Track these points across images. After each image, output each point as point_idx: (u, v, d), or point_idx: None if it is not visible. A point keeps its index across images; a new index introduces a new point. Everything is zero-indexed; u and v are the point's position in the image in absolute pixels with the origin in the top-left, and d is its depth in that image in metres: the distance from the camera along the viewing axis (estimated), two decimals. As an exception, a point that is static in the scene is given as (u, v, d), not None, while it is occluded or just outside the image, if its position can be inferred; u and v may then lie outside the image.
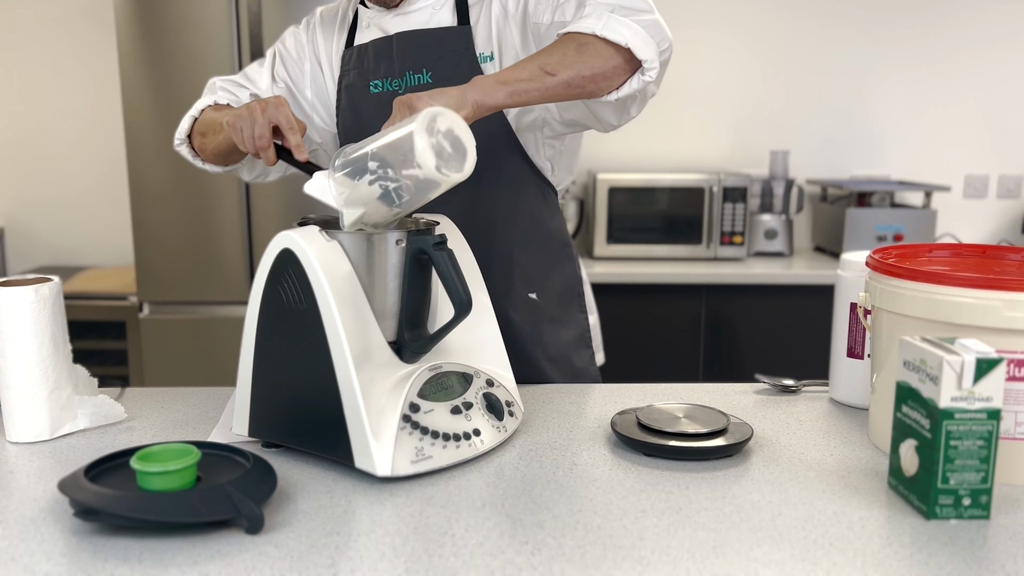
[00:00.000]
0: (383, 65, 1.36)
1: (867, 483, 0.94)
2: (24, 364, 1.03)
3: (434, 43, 1.34)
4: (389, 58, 1.35)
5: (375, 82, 1.36)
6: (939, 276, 0.95)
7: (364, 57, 1.37)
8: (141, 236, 2.77)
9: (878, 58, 3.24)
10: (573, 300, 1.49)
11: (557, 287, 1.46)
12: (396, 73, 1.35)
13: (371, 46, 1.37)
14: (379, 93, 1.36)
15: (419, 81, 1.34)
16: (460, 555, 0.77)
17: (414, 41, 1.34)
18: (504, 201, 1.38)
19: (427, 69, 1.34)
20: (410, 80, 1.34)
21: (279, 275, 0.97)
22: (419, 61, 1.34)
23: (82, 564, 0.75)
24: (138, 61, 2.70)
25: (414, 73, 1.34)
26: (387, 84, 1.36)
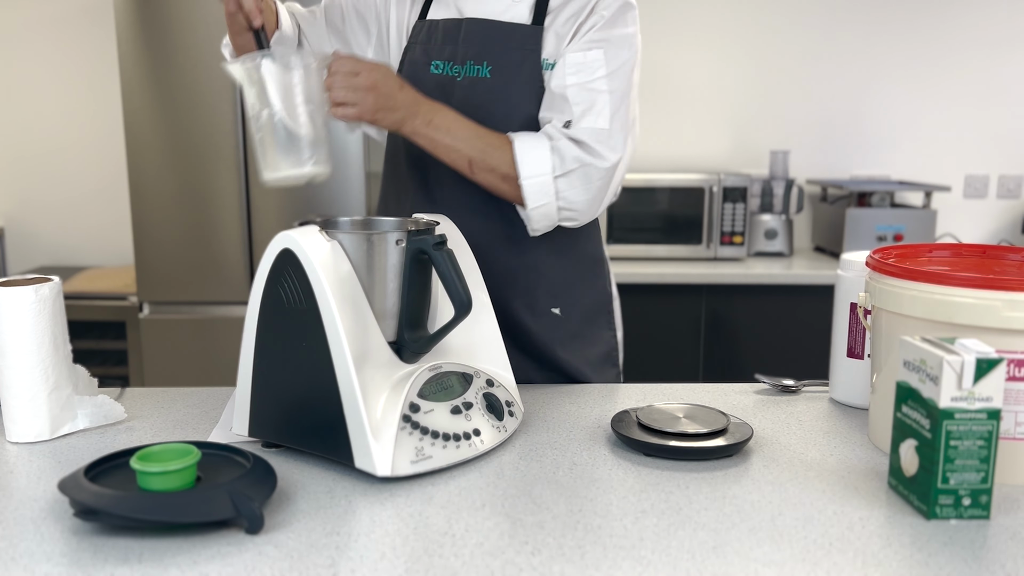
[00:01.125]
0: (448, 47, 1.32)
1: (867, 483, 0.94)
2: (24, 364, 1.03)
3: (503, 36, 1.30)
4: (455, 41, 1.31)
5: (436, 62, 1.33)
6: (939, 276, 0.95)
7: (433, 34, 1.34)
8: (141, 236, 2.77)
9: (878, 58, 3.24)
10: (601, 317, 1.46)
11: (585, 303, 1.43)
12: (458, 59, 1.31)
13: (441, 24, 1.33)
14: (438, 75, 1.32)
15: (478, 73, 1.30)
16: (460, 555, 0.77)
17: (483, 30, 1.30)
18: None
19: (488, 62, 1.30)
20: (470, 70, 1.30)
21: (279, 275, 0.97)
22: (483, 52, 1.30)
23: (82, 564, 0.75)
24: (138, 61, 2.70)
25: (475, 63, 1.30)
26: (447, 68, 1.32)
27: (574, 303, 1.41)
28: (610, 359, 1.46)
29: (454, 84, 1.31)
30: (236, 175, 2.74)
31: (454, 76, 1.31)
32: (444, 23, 1.33)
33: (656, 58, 3.18)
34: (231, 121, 2.71)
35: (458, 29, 1.32)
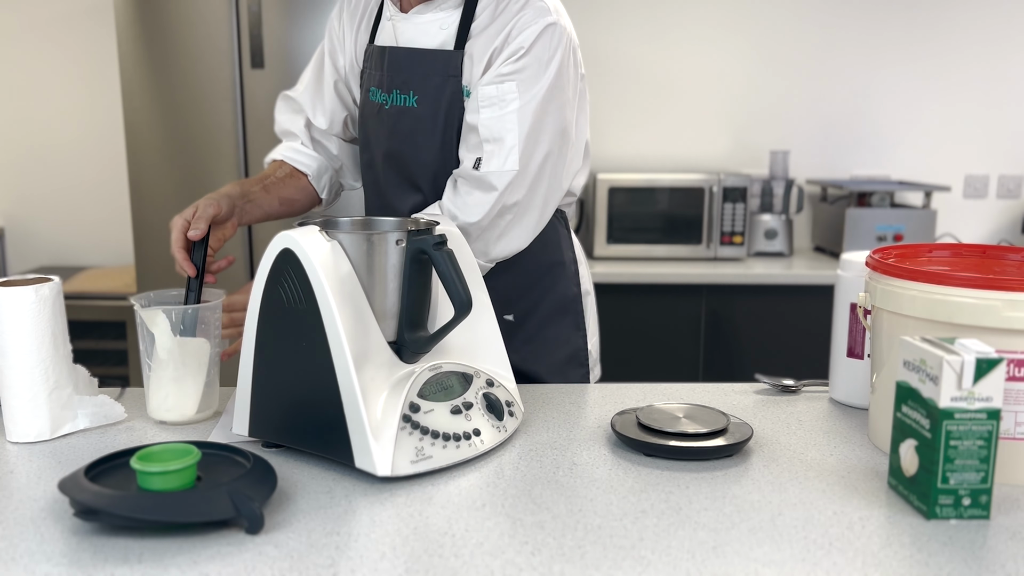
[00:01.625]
0: (379, 74, 1.34)
1: (867, 483, 0.94)
2: (24, 364, 1.03)
3: (426, 63, 1.28)
4: (381, 70, 1.33)
5: (373, 89, 1.35)
6: (939, 276, 0.95)
7: (373, 60, 1.35)
8: (141, 236, 2.77)
9: (878, 58, 3.24)
10: (566, 318, 1.45)
11: (544, 307, 1.42)
12: (385, 87, 1.32)
13: (375, 51, 1.35)
14: (375, 103, 1.35)
15: (405, 102, 1.30)
16: (460, 555, 0.77)
17: (407, 57, 1.30)
18: None
19: (414, 91, 1.30)
20: (396, 99, 1.31)
21: (279, 275, 0.97)
22: (409, 80, 1.30)
23: (82, 564, 0.75)
24: (138, 61, 2.70)
25: (401, 92, 1.30)
26: (380, 95, 1.34)
27: (530, 308, 1.41)
28: (576, 360, 1.46)
29: (383, 112, 1.33)
30: (236, 175, 2.74)
31: (381, 104, 1.34)
32: (376, 51, 1.35)
33: (656, 58, 3.18)
34: (231, 121, 2.71)
35: (383, 57, 1.33)
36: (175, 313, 1.08)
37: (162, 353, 1.07)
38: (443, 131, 1.30)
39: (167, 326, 1.07)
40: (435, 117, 1.29)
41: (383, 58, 1.33)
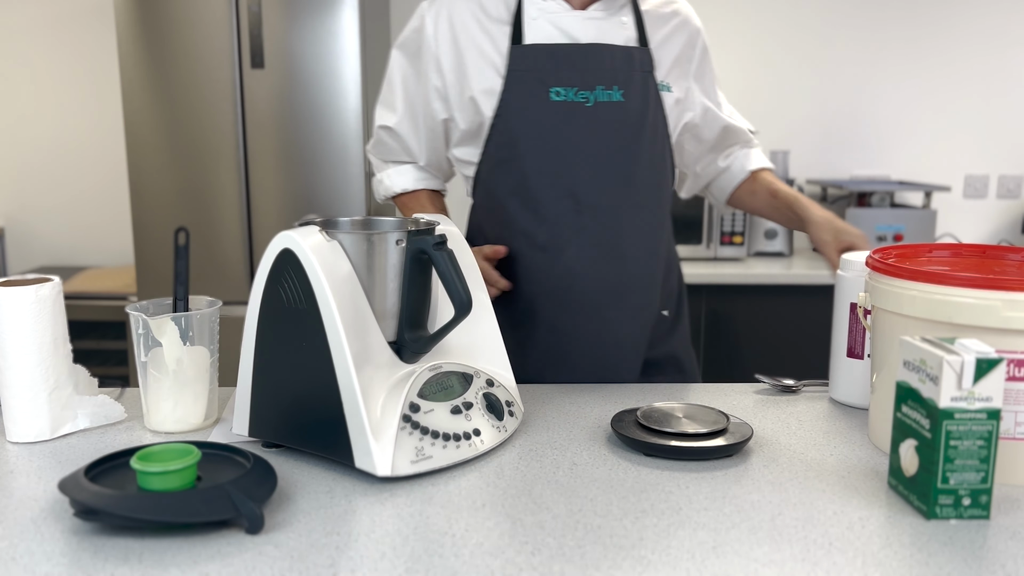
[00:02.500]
0: (569, 73, 1.30)
1: (867, 483, 0.94)
2: (24, 364, 1.03)
3: (627, 60, 1.31)
4: (579, 68, 1.30)
5: (556, 89, 1.29)
6: (939, 276, 0.95)
7: (542, 59, 1.30)
8: (141, 236, 2.77)
9: (878, 58, 3.24)
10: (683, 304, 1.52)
11: (676, 296, 1.50)
12: (585, 85, 1.30)
13: (553, 49, 1.30)
14: (560, 102, 1.30)
15: (610, 98, 1.30)
16: (460, 555, 0.77)
17: (609, 54, 1.30)
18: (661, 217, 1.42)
19: (619, 86, 1.31)
20: (601, 95, 1.30)
21: (279, 275, 0.97)
22: (613, 76, 1.30)
23: (82, 564, 0.75)
24: (138, 61, 2.70)
25: (605, 89, 1.30)
26: (571, 94, 1.30)
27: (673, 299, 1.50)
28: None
29: (581, 110, 1.30)
30: (236, 175, 2.74)
31: (581, 102, 1.30)
32: (558, 48, 1.30)
33: (656, 58, 3.18)
34: (231, 121, 2.71)
35: (582, 55, 1.30)
36: (184, 321, 1.07)
37: (171, 363, 1.06)
38: (650, 126, 1.34)
39: (176, 335, 1.06)
40: (642, 111, 1.32)
41: (579, 55, 1.30)
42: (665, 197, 1.41)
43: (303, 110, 2.70)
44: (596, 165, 1.32)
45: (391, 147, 1.45)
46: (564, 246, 1.32)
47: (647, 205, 1.36)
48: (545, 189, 1.32)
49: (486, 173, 1.37)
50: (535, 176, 1.32)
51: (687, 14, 1.43)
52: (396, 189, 1.46)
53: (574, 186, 1.31)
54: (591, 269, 1.33)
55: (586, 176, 1.32)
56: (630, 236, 1.35)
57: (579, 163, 1.31)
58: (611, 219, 1.33)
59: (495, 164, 1.35)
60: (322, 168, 2.73)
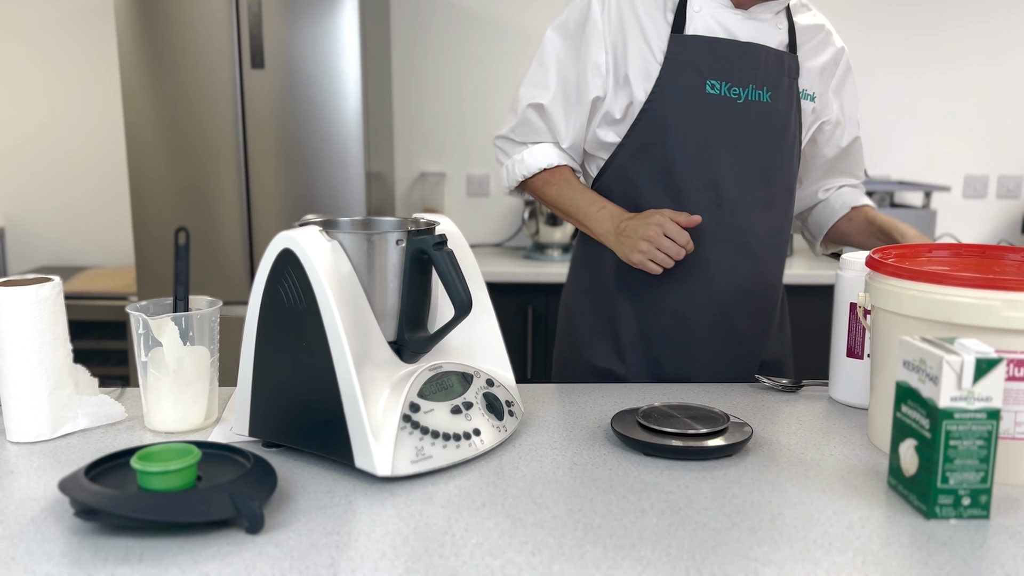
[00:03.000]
0: (726, 68, 1.32)
1: (867, 483, 0.94)
2: (24, 364, 1.03)
3: (778, 63, 1.35)
4: (735, 64, 1.32)
5: (712, 82, 1.32)
6: (939, 276, 0.95)
7: (703, 52, 1.32)
8: (141, 236, 2.77)
9: (878, 58, 3.24)
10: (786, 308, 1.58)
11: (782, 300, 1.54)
12: (739, 81, 1.32)
13: (714, 43, 1.32)
14: (715, 95, 1.32)
15: (759, 97, 1.33)
16: (460, 555, 0.77)
17: (764, 56, 1.33)
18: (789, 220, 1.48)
19: (767, 87, 1.34)
20: (752, 93, 1.33)
21: (279, 275, 0.97)
22: (765, 77, 1.33)
23: (82, 564, 0.75)
24: (138, 61, 2.70)
25: (756, 88, 1.33)
26: (725, 88, 1.32)
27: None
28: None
29: (732, 106, 1.33)
30: (236, 175, 2.74)
31: (734, 98, 1.32)
32: (718, 43, 1.32)
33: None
34: (231, 121, 2.71)
35: (740, 52, 1.32)
36: (184, 321, 1.07)
37: (172, 362, 1.06)
38: (792, 129, 1.38)
39: (176, 335, 1.06)
40: (786, 115, 1.36)
41: (738, 53, 1.32)
42: (792, 202, 1.45)
43: (303, 110, 2.70)
44: (740, 161, 1.35)
45: (537, 127, 1.44)
46: (702, 237, 1.34)
47: (779, 207, 1.40)
48: (689, 179, 1.34)
49: (626, 157, 1.38)
50: (680, 165, 1.34)
51: (832, 32, 1.47)
52: (541, 164, 1.43)
53: (717, 179, 1.34)
54: (724, 263, 1.36)
55: (729, 171, 1.34)
56: (762, 236, 1.38)
57: (724, 157, 1.34)
58: (747, 217, 1.36)
59: (639, 149, 1.36)
60: (322, 168, 2.73)
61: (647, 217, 1.27)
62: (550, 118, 1.41)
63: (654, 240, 1.25)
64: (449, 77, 3.29)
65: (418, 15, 3.26)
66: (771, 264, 1.44)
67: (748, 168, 1.36)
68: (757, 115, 1.34)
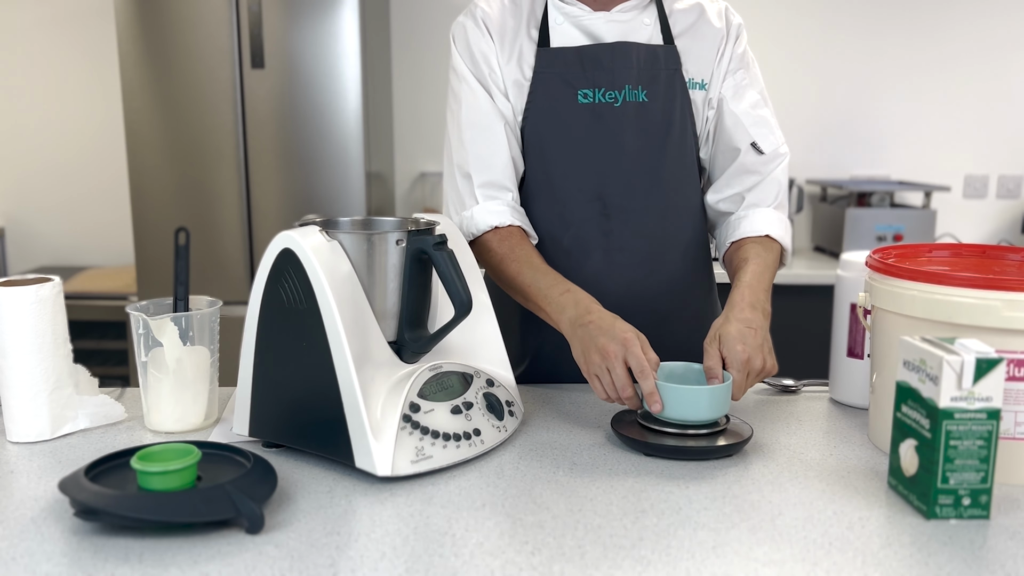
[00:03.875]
0: (596, 74, 1.28)
1: (867, 483, 0.94)
2: (25, 364, 1.03)
3: (652, 59, 1.30)
4: (606, 67, 1.28)
5: (584, 91, 1.28)
6: (939, 276, 0.95)
7: (568, 61, 1.29)
8: (141, 236, 2.77)
9: (878, 58, 3.24)
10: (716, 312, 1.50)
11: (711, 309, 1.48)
12: (612, 85, 1.28)
13: (578, 51, 1.29)
14: (588, 104, 1.28)
15: (636, 98, 1.29)
16: (460, 555, 0.77)
17: (635, 54, 1.29)
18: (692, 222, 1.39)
19: (643, 86, 1.29)
20: (629, 95, 1.28)
21: (279, 275, 0.97)
22: (639, 76, 1.29)
23: (82, 564, 0.75)
24: (138, 61, 2.70)
25: (632, 88, 1.28)
26: (599, 95, 1.28)
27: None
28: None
29: (609, 111, 1.28)
30: (236, 175, 2.74)
31: (610, 102, 1.28)
32: (585, 50, 1.29)
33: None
34: (231, 121, 2.71)
35: (609, 54, 1.28)
36: (184, 321, 1.07)
37: (172, 363, 1.06)
38: (677, 126, 1.31)
39: (176, 335, 1.06)
40: (668, 111, 1.30)
41: (606, 55, 1.28)
42: (693, 200, 1.36)
43: (303, 110, 2.70)
44: (623, 168, 1.30)
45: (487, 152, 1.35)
46: (590, 250, 1.30)
47: (674, 208, 1.33)
48: (571, 192, 1.30)
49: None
50: (560, 179, 1.30)
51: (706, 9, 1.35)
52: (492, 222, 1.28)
53: (601, 189, 1.29)
54: (617, 274, 1.30)
55: (614, 179, 1.30)
56: (657, 240, 1.32)
57: (607, 166, 1.29)
58: (639, 223, 1.31)
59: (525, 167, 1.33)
60: (322, 168, 2.73)
61: (614, 330, 1.08)
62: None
63: (609, 359, 1.05)
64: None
65: (418, 15, 3.26)
66: (674, 267, 1.34)
67: (633, 173, 1.30)
68: (637, 116, 1.29)
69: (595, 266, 1.30)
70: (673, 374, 1.08)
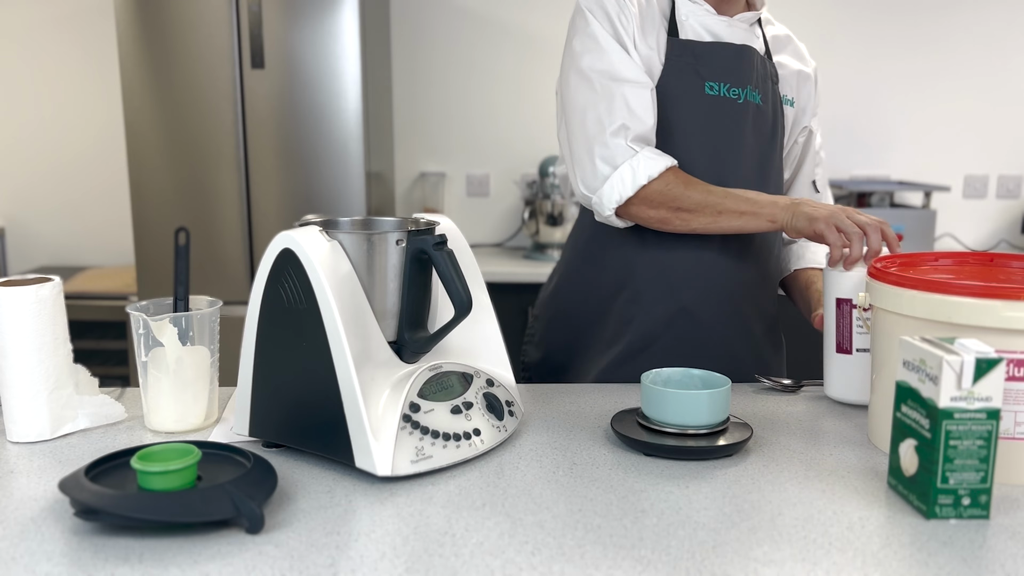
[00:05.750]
0: (723, 69, 1.35)
1: (867, 483, 0.94)
2: (24, 364, 1.03)
3: (763, 68, 1.39)
4: (732, 65, 1.36)
5: (711, 84, 1.35)
6: (940, 285, 0.95)
7: (700, 55, 1.35)
8: (141, 236, 2.77)
9: (878, 58, 3.24)
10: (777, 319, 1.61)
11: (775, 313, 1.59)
12: (738, 82, 1.35)
13: (709, 47, 1.35)
14: (713, 96, 1.35)
15: (754, 99, 1.37)
16: (460, 555, 0.77)
17: (756, 58, 1.38)
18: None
19: (758, 89, 1.38)
20: (750, 95, 1.36)
21: (279, 275, 0.97)
22: (758, 78, 1.38)
23: (82, 564, 0.75)
24: (138, 61, 2.70)
25: (753, 89, 1.37)
26: (724, 89, 1.35)
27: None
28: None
29: (732, 106, 1.35)
30: (236, 175, 2.74)
31: (733, 99, 1.35)
32: (713, 46, 1.36)
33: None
34: (231, 121, 2.71)
35: (736, 55, 1.36)
36: (184, 321, 1.07)
37: (172, 363, 1.06)
38: (780, 132, 1.43)
39: (175, 335, 1.06)
40: (775, 116, 1.41)
41: (735, 55, 1.36)
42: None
43: (303, 110, 2.70)
44: (740, 160, 1.37)
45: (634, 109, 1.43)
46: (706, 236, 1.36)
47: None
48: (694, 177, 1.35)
49: None
50: (685, 164, 1.35)
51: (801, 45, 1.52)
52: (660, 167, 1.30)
53: (720, 178, 1.35)
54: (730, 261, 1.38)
55: (730, 169, 1.37)
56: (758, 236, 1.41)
57: (726, 156, 1.37)
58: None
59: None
60: (322, 168, 2.73)
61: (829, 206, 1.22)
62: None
63: (837, 215, 1.18)
64: (449, 77, 3.29)
65: (418, 15, 3.26)
66: (771, 264, 1.47)
67: (748, 167, 1.38)
68: (754, 116, 1.38)
69: (710, 250, 1.37)
70: (671, 380, 1.09)
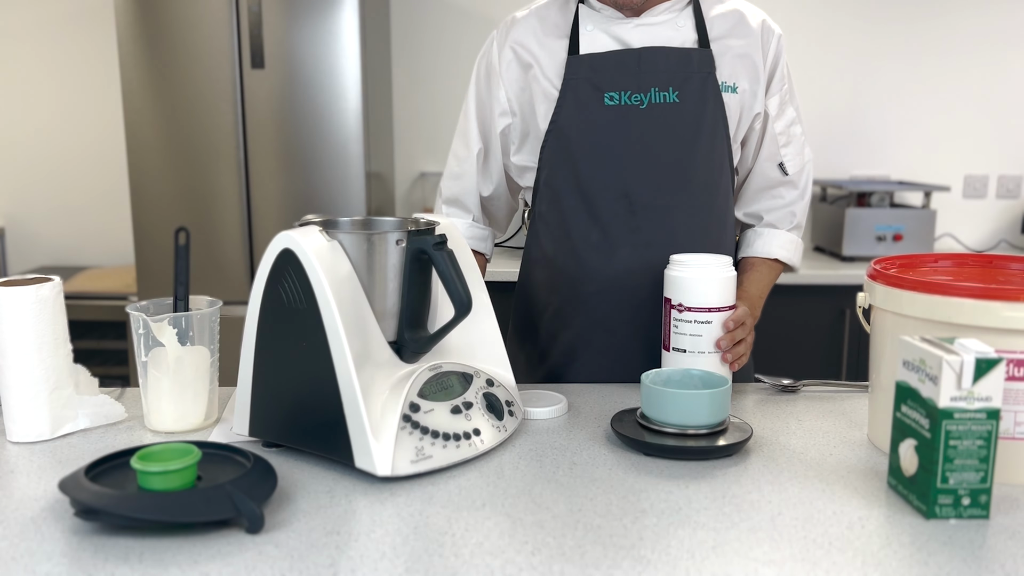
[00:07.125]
0: (622, 77, 1.34)
1: (867, 483, 0.94)
2: (25, 364, 1.03)
3: (681, 62, 1.34)
4: (632, 71, 1.34)
5: (611, 94, 1.34)
6: (941, 286, 0.95)
7: (595, 66, 1.34)
8: (141, 236, 2.77)
9: (878, 58, 3.24)
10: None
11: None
12: (638, 88, 1.34)
13: (606, 56, 1.34)
14: (614, 106, 1.34)
15: (664, 99, 1.34)
16: (460, 555, 0.77)
17: (662, 57, 1.34)
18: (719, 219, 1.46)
19: (674, 88, 1.34)
20: (655, 97, 1.34)
21: (279, 275, 0.97)
22: (667, 79, 1.34)
23: (82, 564, 0.75)
24: (138, 61, 2.70)
25: (660, 90, 1.34)
26: (625, 97, 1.34)
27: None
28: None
29: (635, 112, 1.34)
30: (236, 175, 2.74)
31: (636, 105, 1.34)
32: (610, 56, 1.34)
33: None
34: (231, 121, 2.71)
35: (635, 59, 1.34)
36: (184, 321, 1.07)
37: (172, 362, 1.06)
38: (708, 126, 1.36)
39: (175, 335, 1.06)
40: (699, 112, 1.35)
41: (633, 60, 1.34)
42: (723, 200, 1.41)
43: (303, 110, 2.70)
44: (650, 166, 1.35)
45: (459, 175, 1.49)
46: (617, 246, 1.35)
47: (703, 206, 1.38)
48: (599, 189, 1.35)
49: (547, 174, 1.40)
50: (589, 178, 1.36)
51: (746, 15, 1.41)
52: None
53: (627, 187, 1.34)
54: (645, 268, 1.35)
55: (639, 177, 1.35)
56: (684, 237, 1.36)
57: (632, 164, 1.34)
58: (665, 220, 1.35)
59: (554, 167, 1.38)
60: (322, 168, 2.73)
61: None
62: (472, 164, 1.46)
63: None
64: (449, 77, 3.29)
65: (418, 15, 3.26)
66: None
67: (660, 171, 1.35)
68: (664, 117, 1.34)
69: (623, 261, 1.36)
70: (672, 380, 1.09)
